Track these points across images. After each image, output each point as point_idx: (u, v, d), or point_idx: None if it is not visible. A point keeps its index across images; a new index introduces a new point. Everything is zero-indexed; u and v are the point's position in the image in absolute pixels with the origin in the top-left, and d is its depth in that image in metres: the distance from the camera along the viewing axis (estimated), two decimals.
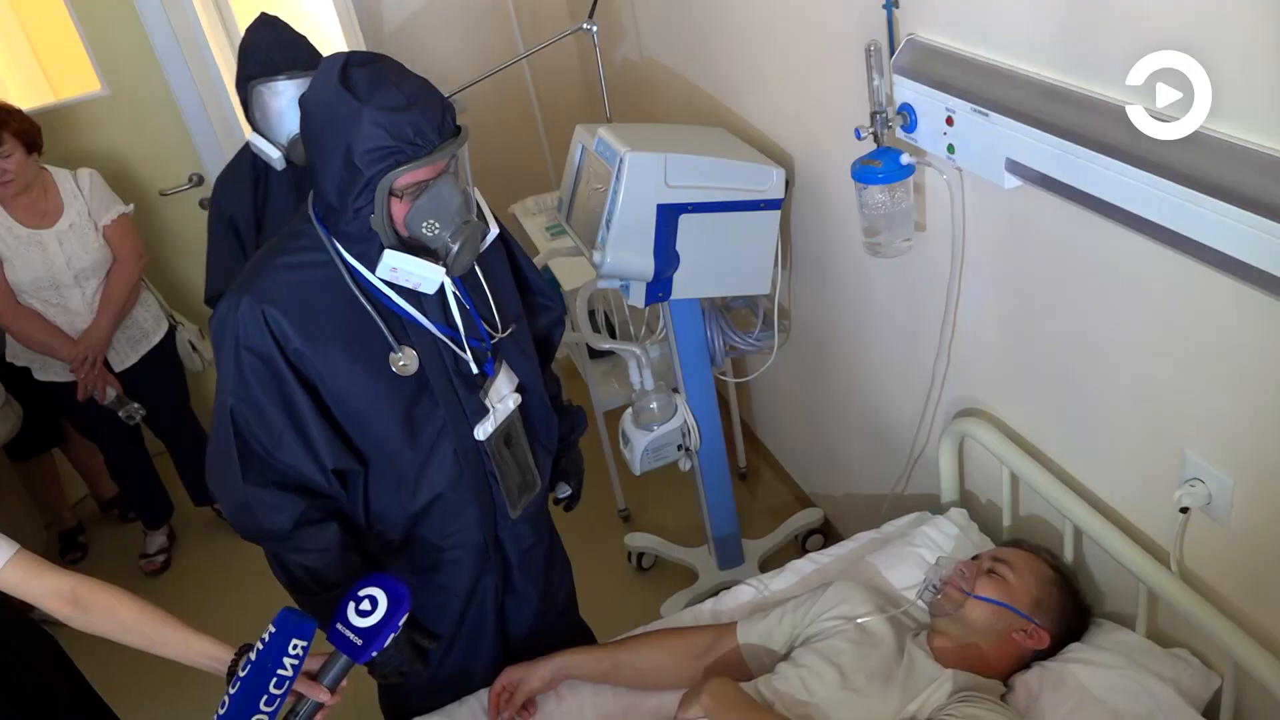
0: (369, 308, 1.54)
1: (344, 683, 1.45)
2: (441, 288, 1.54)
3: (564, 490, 2.03)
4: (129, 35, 3.24)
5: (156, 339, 3.08)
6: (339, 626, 1.43)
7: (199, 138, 3.40)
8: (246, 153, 2.41)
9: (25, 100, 3.38)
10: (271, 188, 2.41)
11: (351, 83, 1.39)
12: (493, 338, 1.67)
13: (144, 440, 3.28)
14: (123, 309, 2.95)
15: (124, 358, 3.02)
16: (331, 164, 1.42)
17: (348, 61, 1.41)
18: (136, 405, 2.98)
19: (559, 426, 1.91)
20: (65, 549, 3.46)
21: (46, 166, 2.85)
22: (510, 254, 1.80)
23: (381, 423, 1.60)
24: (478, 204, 1.60)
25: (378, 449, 1.62)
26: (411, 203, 1.45)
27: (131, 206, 2.99)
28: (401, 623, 1.43)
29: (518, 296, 1.78)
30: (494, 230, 1.63)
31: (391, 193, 1.44)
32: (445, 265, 1.50)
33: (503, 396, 1.68)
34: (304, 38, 2.32)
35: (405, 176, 1.42)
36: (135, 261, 2.95)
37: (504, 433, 1.70)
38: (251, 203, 2.41)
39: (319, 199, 1.51)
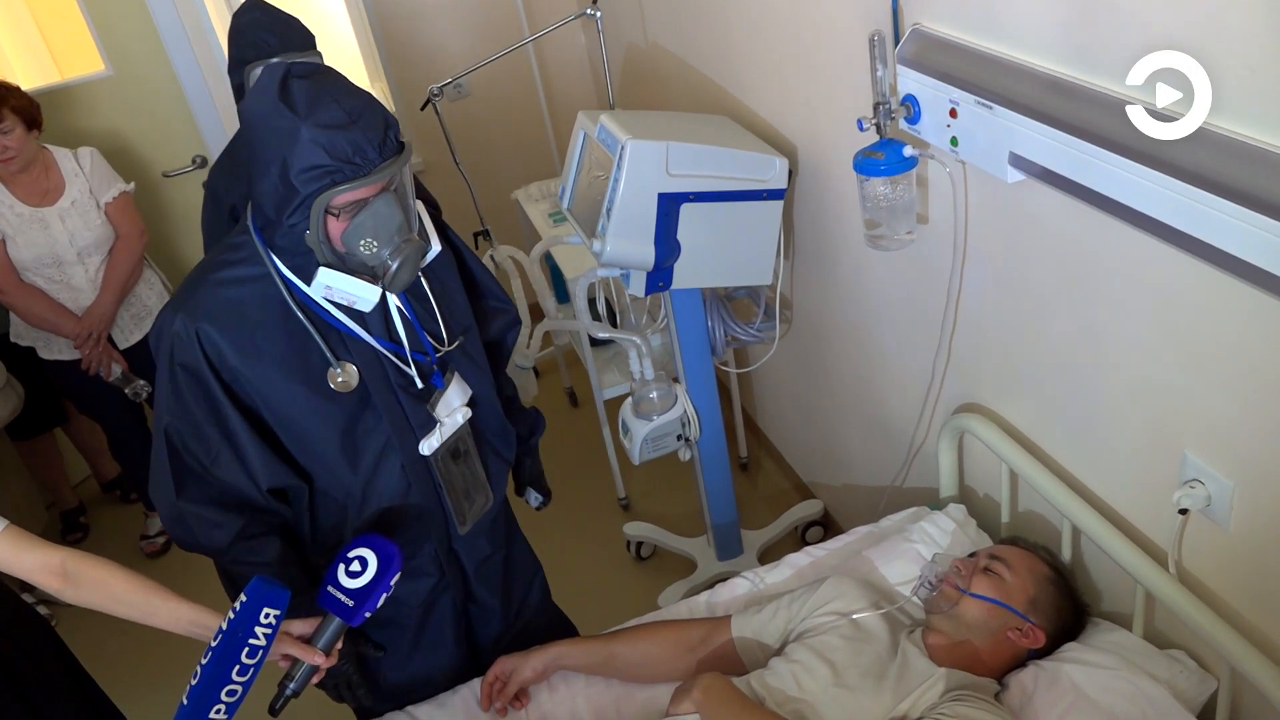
0: (306, 323, 1.49)
1: (339, 645, 1.45)
2: (384, 300, 1.51)
3: (535, 498, 2.07)
4: (133, 16, 3.24)
5: None
6: (330, 589, 1.42)
7: (203, 120, 3.40)
8: (241, 139, 2.39)
9: (31, 80, 3.39)
10: None
11: (290, 96, 1.33)
12: (438, 351, 1.63)
13: (147, 420, 3.28)
14: (125, 285, 2.95)
15: (128, 335, 3.02)
16: (268, 178, 1.37)
17: (288, 73, 1.36)
18: (143, 383, 2.98)
19: (518, 428, 1.88)
20: (67, 529, 3.48)
21: (47, 145, 2.85)
22: (461, 260, 1.75)
23: (323, 439, 1.55)
24: (419, 220, 1.54)
25: (321, 465, 1.58)
26: (349, 220, 1.40)
27: (132, 185, 2.98)
28: (393, 582, 1.42)
29: (468, 307, 1.73)
30: (436, 247, 1.58)
31: (328, 210, 1.39)
32: (383, 284, 1.45)
33: (452, 410, 1.64)
34: (295, 18, 2.28)
35: (342, 196, 1.37)
36: (137, 238, 2.96)
37: (451, 447, 1.65)
38: (248, 190, 2.39)
39: (256, 211, 1.46)
